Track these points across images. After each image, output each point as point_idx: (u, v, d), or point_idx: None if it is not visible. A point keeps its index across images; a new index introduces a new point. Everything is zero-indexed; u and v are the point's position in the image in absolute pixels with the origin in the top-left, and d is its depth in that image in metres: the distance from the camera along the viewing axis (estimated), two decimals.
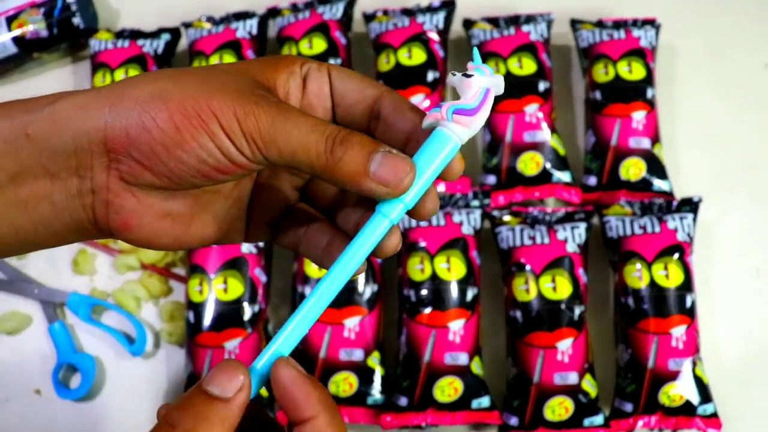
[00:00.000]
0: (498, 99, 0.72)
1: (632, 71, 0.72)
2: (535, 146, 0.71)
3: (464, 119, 0.30)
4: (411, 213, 0.32)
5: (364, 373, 0.66)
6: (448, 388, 0.64)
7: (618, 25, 0.75)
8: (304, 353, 0.66)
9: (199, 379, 0.66)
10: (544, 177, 0.71)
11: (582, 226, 0.68)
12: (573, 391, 0.64)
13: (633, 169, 0.70)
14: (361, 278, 0.67)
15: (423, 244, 0.67)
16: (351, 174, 0.29)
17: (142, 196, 0.31)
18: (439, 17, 0.75)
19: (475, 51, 0.32)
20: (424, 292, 0.66)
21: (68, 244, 0.33)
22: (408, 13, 0.76)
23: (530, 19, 0.75)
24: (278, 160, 0.30)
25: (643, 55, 0.73)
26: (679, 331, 0.64)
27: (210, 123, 0.29)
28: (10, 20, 0.78)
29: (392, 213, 0.30)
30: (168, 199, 0.32)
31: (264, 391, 0.64)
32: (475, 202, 0.69)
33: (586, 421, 0.64)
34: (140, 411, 0.70)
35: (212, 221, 0.34)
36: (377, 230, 0.31)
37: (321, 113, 0.34)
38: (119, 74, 0.75)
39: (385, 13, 0.77)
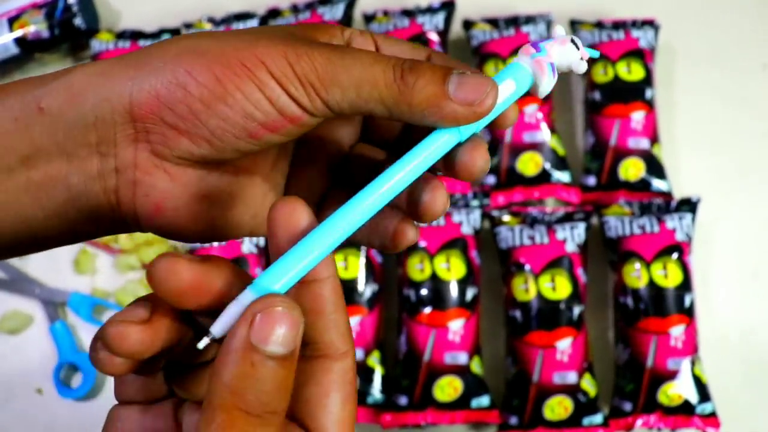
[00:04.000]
0: None
1: (631, 72, 0.72)
2: (535, 146, 0.71)
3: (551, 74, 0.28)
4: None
5: (365, 373, 0.66)
6: (447, 388, 0.65)
7: (617, 25, 0.75)
8: None
9: None
10: (543, 177, 0.71)
11: (581, 226, 0.68)
12: (572, 391, 0.64)
13: (632, 169, 0.70)
14: (362, 278, 0.67)
15: (423, 244, 0.67)
16: (429, 99, 0.26)
17: (176, 173, 0.27)
18: (439, 18, 0.75)
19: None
20: (423, 291, 0.66)
21: (77, 241, 0.29)
22: (408, 13, 0.76)
23: (530, 19, 0.75)
24: (341, 101, 0.26)
25: (642, 55, 0.73)
26: (677, 331, 0.65)
27: (257, 70, 0.25)
28: (12, 21, 0.78)
29: (462, 128, 0.27)
30: (205, 177, 0.28)
31: None
32: (475, 202, 0.69)
33: (586, 420, 0.64)
34: None
35: (250, 207, 0.30)
36: (439, 145, 0.26)
37: None
38: None
39: (385, 13, 0.77)
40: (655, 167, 0.71)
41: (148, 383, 0.26)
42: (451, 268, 0.66)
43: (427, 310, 0.65)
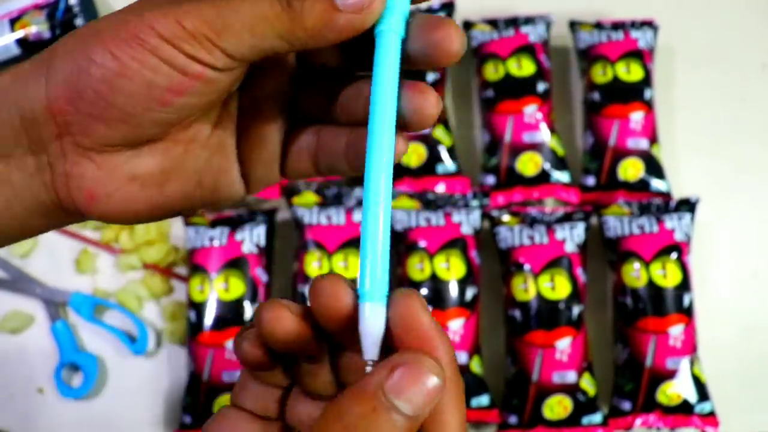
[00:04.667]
0: (498, 100, 0.73)
1: (630, 72, 0.72)
2: (534, 146, 0.71)
3: None
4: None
5: None
6: None
7: (616, 26, 0.75)
8: None
9: (200, 377, 0.67)
10: (542, 177, 0.71)
11: (580, 226, 0.68)
12: (571, 390, 0.64)
13: (631, 170, 0.71)
14: None
15: (422, 244, 0.67)
16: (320, 17, 0.25)
17: (102, 160, 0.28)
18: None
19: None
20: (423, 291, 0.66)
21: (33, 235, 0.30)
22: None
23: (529, 20, 0.75)
24: (239, 46, 0.26)
25: (642, 56, 0.73)
26: (676, 330, 0.65)
27: (148, 37, 0.25)
28: (13, 22, 0.78)
29: (392, 24, 0.26)
30: (132, 159, 0.28)
31: None
32: (475, 202, 0.70)
33: (585, 420, 0.64)
34: (142, 409, 0.70)
35: (191, 177, 0.30)
36: (390, 50, 0.26)
37: None
38: None
39: None
40: (654, 167, 0.71)
41: (266, 396, 0.28)
42: (451, 268, 0.66)
43: None
